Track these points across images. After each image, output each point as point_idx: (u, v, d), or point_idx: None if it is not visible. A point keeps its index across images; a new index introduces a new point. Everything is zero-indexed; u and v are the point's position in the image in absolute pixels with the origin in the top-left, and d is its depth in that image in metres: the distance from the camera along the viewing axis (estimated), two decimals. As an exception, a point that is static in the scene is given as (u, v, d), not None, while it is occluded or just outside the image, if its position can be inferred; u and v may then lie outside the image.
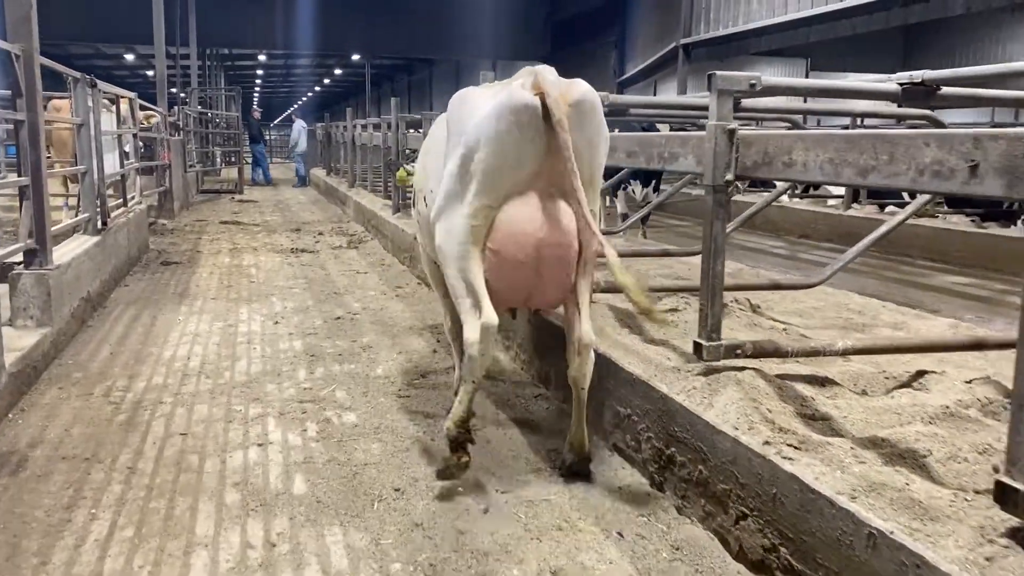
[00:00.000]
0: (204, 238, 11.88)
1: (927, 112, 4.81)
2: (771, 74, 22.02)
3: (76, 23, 25.29)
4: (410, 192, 5.69)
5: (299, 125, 24.73)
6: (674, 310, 4.65)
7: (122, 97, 9.48)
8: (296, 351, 5.67)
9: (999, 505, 2.10)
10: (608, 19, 25.85)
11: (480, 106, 3.20)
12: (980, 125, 15.15)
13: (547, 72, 3.13)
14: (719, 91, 3.29)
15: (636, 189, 10.68)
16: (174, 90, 21.70)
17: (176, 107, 17.17)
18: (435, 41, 29.28)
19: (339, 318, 6.71)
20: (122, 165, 8.88)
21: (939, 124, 4.77)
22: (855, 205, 12.04)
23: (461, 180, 3.23)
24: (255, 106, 27.07)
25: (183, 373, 5.10)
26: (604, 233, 3.28)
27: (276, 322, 6.56)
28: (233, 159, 23.62)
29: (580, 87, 3.17)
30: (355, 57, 37.96)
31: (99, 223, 7.33)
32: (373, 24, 28.48)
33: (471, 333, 3.19)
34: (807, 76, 23.20)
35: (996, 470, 2.22)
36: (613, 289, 3.96)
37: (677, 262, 6.64)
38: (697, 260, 3.79)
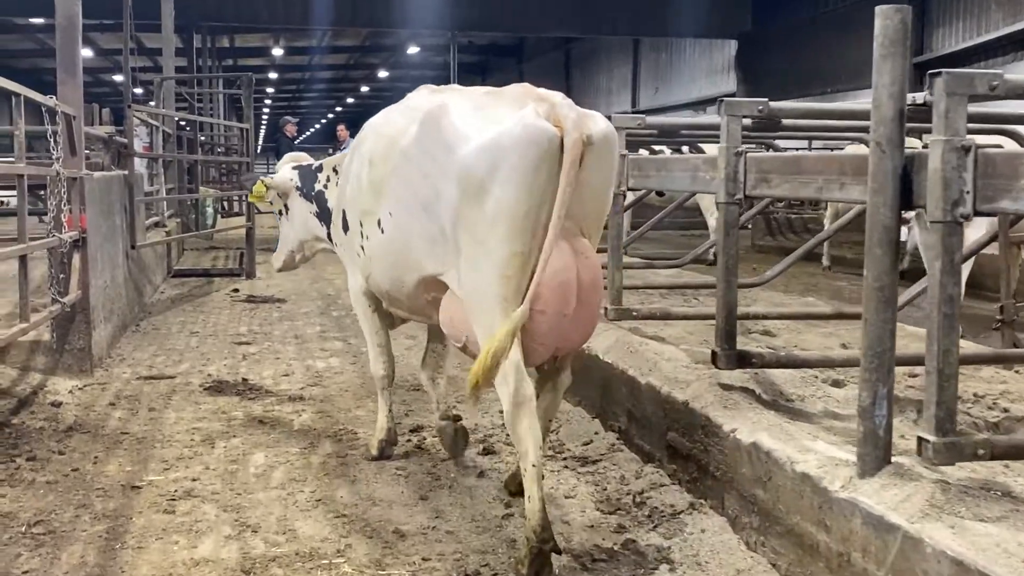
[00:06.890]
0: (140, 498, 3.46)
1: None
2: None
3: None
4: (269, 212, 4.81)
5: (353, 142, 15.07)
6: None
7: None
8: None
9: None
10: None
11: (472, 132, 2.94)
12: None
13: (564, 103, 2.93)
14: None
15: None
16: (137, 90, 13.06)
17: (126, 113, 8.65)
18: (564, 14, 19.81)
19: None
20: None
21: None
22: None
23: (472, 225, 2.94)
24: (288, 116, 17.69)
25: None
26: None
27: None
28: (236, 206, 13.35)
29: (600, 122, 3.01)
30: (411, 51, 28.45)
31: None
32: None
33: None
34: None
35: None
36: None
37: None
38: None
